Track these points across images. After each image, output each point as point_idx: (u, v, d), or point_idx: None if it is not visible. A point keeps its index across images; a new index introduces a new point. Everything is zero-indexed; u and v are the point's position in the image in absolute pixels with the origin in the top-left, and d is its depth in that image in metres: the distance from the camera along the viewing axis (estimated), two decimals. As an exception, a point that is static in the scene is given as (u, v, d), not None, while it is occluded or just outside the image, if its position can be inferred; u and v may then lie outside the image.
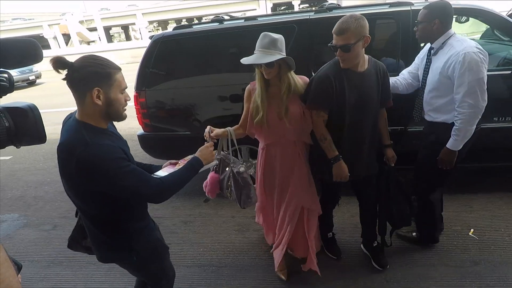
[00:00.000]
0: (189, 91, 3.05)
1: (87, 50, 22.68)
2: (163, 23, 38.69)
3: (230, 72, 2.94)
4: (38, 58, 1.00)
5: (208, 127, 1.88)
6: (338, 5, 2.84)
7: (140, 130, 3.29)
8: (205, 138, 1.84)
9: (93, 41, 31.83)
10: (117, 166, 1.14)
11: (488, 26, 3.52)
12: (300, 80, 1.87)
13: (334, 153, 1.88)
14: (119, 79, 1.19)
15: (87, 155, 1.10)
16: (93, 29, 31.11)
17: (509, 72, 2.48)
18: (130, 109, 3.06)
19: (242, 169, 1.89)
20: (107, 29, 28.06)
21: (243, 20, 3.02)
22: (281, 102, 1.82)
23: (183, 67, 3.04)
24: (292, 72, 1.81)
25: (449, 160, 1.95)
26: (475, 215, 2.69)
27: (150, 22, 34.60)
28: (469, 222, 2.62)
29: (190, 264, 2.48)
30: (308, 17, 2.73)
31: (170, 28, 3.37)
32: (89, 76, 1.13)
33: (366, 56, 1.83)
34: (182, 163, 1.46)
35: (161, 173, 1.44)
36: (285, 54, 1.73)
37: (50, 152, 5.34)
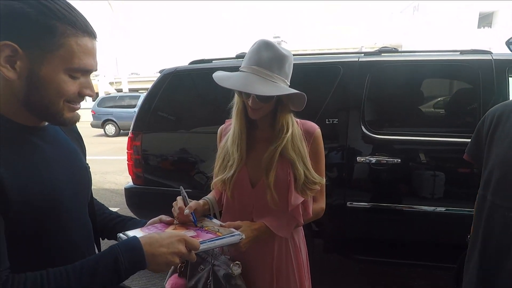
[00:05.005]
0: (200, 137, 2.41)
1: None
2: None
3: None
4: None
5: (182, 190, 1.01)
6: (395, 49, 2.32)
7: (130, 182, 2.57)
8: (173, 213, 0.98)
9: (118, 100, 33.76)
10: None
11: None
12: (299, 128, 1.08)
13: None
14: (72, 47, 0.60)
15: None
16: (120, 90, 33.04)
17: None
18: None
19: (236, 269, 1.01)
20: (134, 91, 30.07)
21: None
22: (263, 158, 1.04)
23: (194, 108, 2.46)
24: (292, 115, 1.06)
25: None
26: None
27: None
28: None
29: None
30: (357, 59, 2.20)
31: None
32: (9, 17, 0.56)
33: None
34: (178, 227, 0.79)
35: (136, 233, 0.77)
36: (289, 83, 1.01)
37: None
